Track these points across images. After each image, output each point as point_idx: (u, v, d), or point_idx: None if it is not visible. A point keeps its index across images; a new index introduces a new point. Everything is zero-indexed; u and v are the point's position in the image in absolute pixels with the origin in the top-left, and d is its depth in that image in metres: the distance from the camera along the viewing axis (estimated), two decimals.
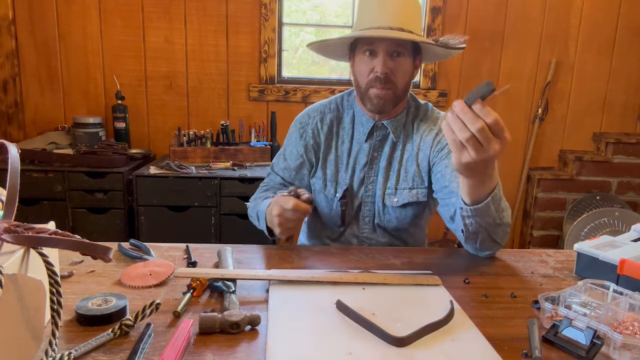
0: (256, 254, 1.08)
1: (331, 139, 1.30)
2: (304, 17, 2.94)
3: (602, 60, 2.89)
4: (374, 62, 1.17)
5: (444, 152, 1.20)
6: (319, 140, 1.30)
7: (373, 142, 1.27)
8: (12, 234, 0.64)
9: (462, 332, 0.75)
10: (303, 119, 1.33)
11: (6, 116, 2.68)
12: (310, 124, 1.31)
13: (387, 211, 1.26)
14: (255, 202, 1.30)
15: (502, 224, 1.03)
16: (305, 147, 1.30)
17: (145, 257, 1.00)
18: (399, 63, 1.17)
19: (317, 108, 1.33)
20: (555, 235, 2.95)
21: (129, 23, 2.66)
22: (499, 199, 0.99)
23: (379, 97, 1.18)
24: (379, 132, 1.27)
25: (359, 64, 1.21)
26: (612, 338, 0.68)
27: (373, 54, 1.17)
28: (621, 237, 1.06)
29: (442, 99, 2.85)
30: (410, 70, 1.21)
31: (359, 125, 1.29)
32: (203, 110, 2.79)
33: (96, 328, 0.72)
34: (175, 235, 2.26)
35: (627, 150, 2.86)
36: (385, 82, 1.16)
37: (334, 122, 1.31)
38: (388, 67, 1.16)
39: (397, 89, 1.19)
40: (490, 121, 0.79)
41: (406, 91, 1.24)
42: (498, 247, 1.09)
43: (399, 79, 1.18)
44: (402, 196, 1.25)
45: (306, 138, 1.31)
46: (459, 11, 2.79)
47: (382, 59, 1.15)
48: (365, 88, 1.20)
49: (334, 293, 0.85)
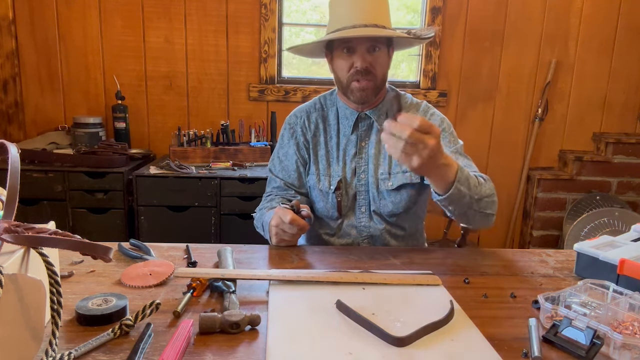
0: (256, 254, 1.08)
1: (319, 136, 1.36)
2: (304, 17, 2.94)
3: (602, 60, 2.89)
4: (352, 58, 1.23)
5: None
6: (308, 138, 1.36)
7: (359, 133, 1.33)
8: (12, 234, 0.64)
9: (462, 332, 0.75)
10: (291, 120, 1.40)
11: (6, 116, 2.68)
12: (298, 124, 1.38)
13: (382, 196, 1.30)
14: (261, 212, 1.33)
15: (482, 197, 1.10)
16: (297, 145, 1.36)
17: (145, 257, 1.00)
18: (376, 56, 1.23)
19: (302, 109, 1.40)
20: (555, 235, 2.95)
21: (129, 23, 2.66)
22: (466, 178, 1.06)
23: (361, 89, 1.24)
24: (363, 123, 1.33)
25: (338, 61, 1.26)
26: (612, 338, 0.68)
27: (351, 51, 1.23)
28: (621, 237, 1.06)
29: (442, 99, 2.85)
30: (387, 61, 1.28)
31: (344, 119, 1.35)
32: (203, 110, 2.79)
33: (96, 328, 0.72)
34: (175, 235, 2.26)
35: (627, 150, 2.86)
36: (366, 74, 1.23)
37: (319, 120, 1.37)
38: (367, 62, 1.22)
39: (377, 79, 1.25)
40: (416, 125, 0.90)
41: (384, 81, 1.30)
42: (491, 217, 1.15)
43: (378, 71, 1.24)
44: (396, 179, 1.29)
45: (297, 137, 1.37)
46: (459, 11, 2.79)
47: (361, 55, 1.22)
48: (347, 82, 1.26)
49: (334, 293, 0.85)
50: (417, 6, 2.88)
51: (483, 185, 1.12)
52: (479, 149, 2.93)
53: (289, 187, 1.36)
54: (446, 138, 1.28)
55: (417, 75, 2.91)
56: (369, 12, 1.20)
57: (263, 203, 1.37)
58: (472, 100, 2.90)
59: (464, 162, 1.23)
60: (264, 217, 1.27)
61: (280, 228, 1.12)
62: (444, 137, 1.27)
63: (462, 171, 1.05)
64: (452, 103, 2.89)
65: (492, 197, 1.14)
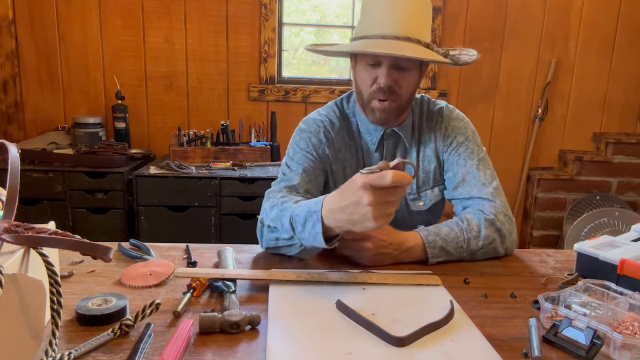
0: (256, 254, 1.08)
1: (344, 151, 1.20)
2: (304, 17, 2.94)
3: (602, 60, 2.89)
4: (377, 71, 1.08)
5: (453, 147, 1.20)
6: (328, 151, 1.18)
7: (385, 151, 1.20)
8: (12, 234, 0.64)
9: (462, 332, 0.75)
10: (310, 127, 1.20)
11: (6, 116, 2.68)
12: (318, 132, 1.18)
13: (413, 217, 1.21)
14: (281, 212, 0.97)
15: (473, 252, 1.05)
16: (319, 155, 1.17)
17: (145, 257, 1.00)
18: (404, 75, 1.08)
19: (318, 120, 1.21)
20: (555, 235, 2.95)
21: (129, 23, 2.66)
22: (441, 249, 1.02)
23: (382, 110, 1.10)
24: (390, 140, 1.20)
25: (361, 71, 1.11)
26: (612, 338, 0.68)
27: (377, 64, 1.08)
28: (621, 237, 1.05)
29: (442, 99, 2.84)
30: (416, 81, 1.13)
31: (366, 134, 1.20)
32: (203, 110, 2.79)
33: (96, 328, 0.72)
34: (175, 235, 2.26)
35: (627, 150, 2.86)
36: (389, 93, 1.08)
37: (342, 132, 1.20)
38: (392, 79, 1.07)
39: (401, 100, 1.11)
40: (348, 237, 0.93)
41: (410, 101, 1.16)
42: (501, 253, 1.09)
43: (403, 91, 1.10)
44: (427, 198, 1.21)
45: (316, 145, 1.17)
46: (459, 11, 2.79)
47: (387, 71, 1.06)
48: (367, 98, 1.12)
49: (334, 293, 0.85)
50: None
51: (472, 241, 1.04)
52: None
53: (302, 193, 1.11)
54: (469, 148, 1.18)
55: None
56: (404, 22, 1.03)
57: (274, 199, 1.05)
58: (472, 100, 2.90)
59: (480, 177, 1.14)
60: (294, 210, 0.92)
61: (382, 201, 0.76)
62: (467, 147, 1.18)
63: (432, 247, 1.01)
64: (452, 103, 2.85)
65: (492, 244, 1.06)
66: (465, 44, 2.83)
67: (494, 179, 1.16)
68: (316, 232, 0.85)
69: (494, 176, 1.17)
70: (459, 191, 1.16)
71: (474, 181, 1.15)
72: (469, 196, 1.14)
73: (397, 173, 0.74)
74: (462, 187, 1.16)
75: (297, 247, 0.96)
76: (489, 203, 1.11)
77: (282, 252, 1.02)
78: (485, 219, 1.07)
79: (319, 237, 0.85)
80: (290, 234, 0.94)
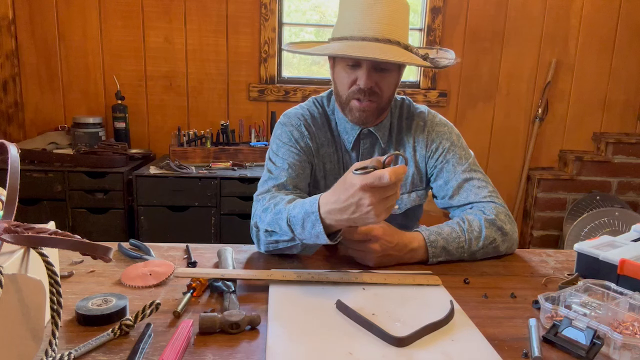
0: (256, 254, 1.08)
1: (321, 145, 1.19)
2: (304, 17, 2.94)
3: (602, 60, 2.89)
4: (357, 73, 1.06)
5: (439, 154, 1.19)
6: (310, 144, 1.17)
7: (361, 151, 1.19)
8: (12, 234, 0.64)
9: (462, 332, 0.75)
10: (292, 120, 1.18)
11: (6, 116, 2.68)
12: (299, 125, 1.18)
13: (388, 220, 1.18)
14: (276, 215, 0.97)
15: (473, 252, 1.05)
16: (303, 150, 1.16)
17: (145, 257, 1.00)
18: (384, 76, 1.08)
19: (299, 113, 1.20)
20: (555, 235, 2.95)
21: (129, 23, 2.66)
22: (442, 248, 1.03)
23: (361, 110, 1.09)
24: (366, 140, 1.19)
25: (340, 72, 1.10)
26: (612, 338, 0.68)
27: (356, 65, 1.06)
28: (621, 237, 1.05)
29: (442, 99, 2.85)
30: (396, 82, 1.12)
31: (344, 132, 1.19)
32: (203, 110, 2.79)
33: (96, 328, 0.72)
34: (175, 235, 2.26)
35: (627, 150, 2.86)
36: (370, 94, 1.07)
37: (321, 129, 1.19)
38: (373, 81, 1.06)
39: (381, 100, 1.10)
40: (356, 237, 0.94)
41: (390, 101, 1.15)
42: (502, 252, 1.09)
43: (384, 91, 1.09)
44: (402, 202, 1.20)
45: (298, 138, 1.16)
46: (459, 11, 2.79)
47: (367, 72, 1.05)
48: (346, 99, 1.10)
49: (334, 293, 0.85)
50: (417, 6, 2.88)
51: (473, 241, 1.04)
52: (479, 149, 2.93)
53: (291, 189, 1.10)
54: (457, 154, 1.17)
55: (417, 75, 2.91)
56: (383, 24, 1.02)
57: (265, 201, 1.03)
58: (472, 100, 2.90)
59: (474, 181, 1.15)
60: (290, 211, 0.92)
61: (382, 199, 0.78)
62: (454, 153, 1.17)
63: (434, 246, 1.01)
64: (452, 103, 2.89)
65: (492, 244, 1.06)
66: (465, 44, 2.84)
67: (488, 181, 1.17)
68: (317, 232, 0.86)
69: (486, 178, 1.18)
70: (457, 199, 1.16)
71: (469, 187, 1.15)
72: (467, 202, 1.15)
73: (393, 170, 0.75)
74: (459, 196, 1.15)
75: (298, 246, 0.97)
76: (490, 204, 1.12)
77: (284, 252, 1.03)
78: (485, 219, 1.07)
79: (321, 236, 0.86)
80: (290, 236, 0.94)
